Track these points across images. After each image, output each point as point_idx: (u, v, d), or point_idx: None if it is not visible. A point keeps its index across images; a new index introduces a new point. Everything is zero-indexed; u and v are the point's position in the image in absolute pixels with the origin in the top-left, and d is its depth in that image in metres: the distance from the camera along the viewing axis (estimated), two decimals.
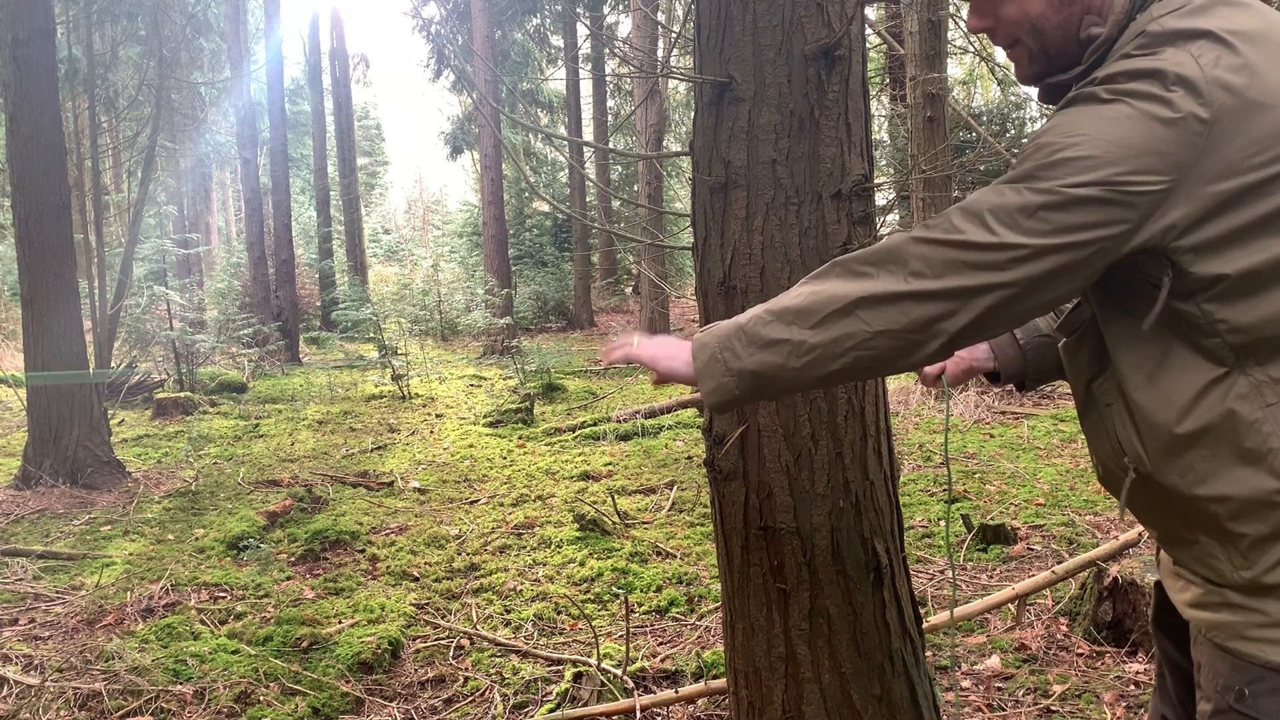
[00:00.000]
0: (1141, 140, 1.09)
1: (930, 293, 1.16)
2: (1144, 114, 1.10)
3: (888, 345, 1.19)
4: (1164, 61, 1.12)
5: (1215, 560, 1.20)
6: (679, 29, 6.88)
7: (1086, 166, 1.10)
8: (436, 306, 18.44)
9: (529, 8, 20.70)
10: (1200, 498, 1.17)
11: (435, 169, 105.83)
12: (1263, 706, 1.16)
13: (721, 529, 2.03)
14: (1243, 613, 1.18)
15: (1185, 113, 1.08)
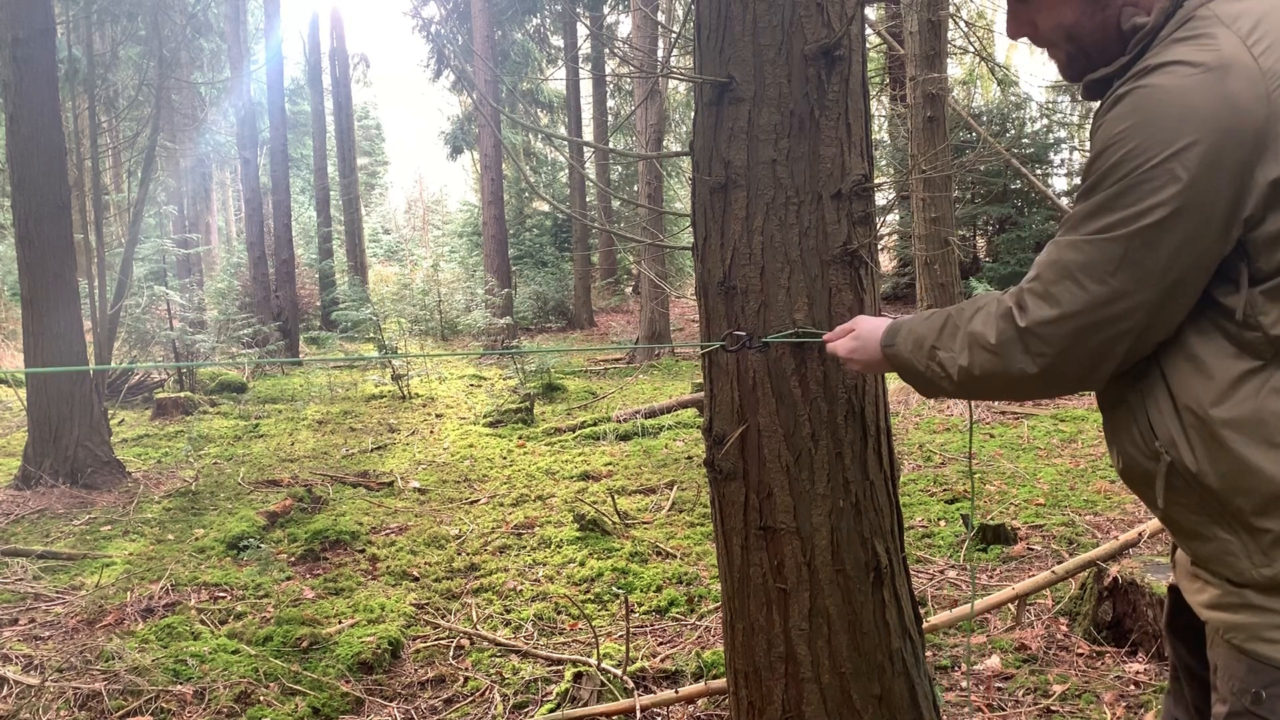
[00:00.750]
0: (1205, 143, 1.08)
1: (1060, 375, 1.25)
2: (1203, 110, 1.08)
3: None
4: (1217, 47, 1.10)
5: (1235, 558, 1.18)
6: (679, 29, 6.88)
7: (1156, 186, 1.10)
8: (436, 306, 18.44)
9: (529, 8, 20.70)
10: (1228, 489, 1.16)
11: (435, 169, 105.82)
12: (1278, 709, 1.15)
13: (721, 529, 2.03)
14: (1261, 614, 1.16)
15: (1245, 104, 1.07)
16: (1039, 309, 1.21)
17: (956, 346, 1.35)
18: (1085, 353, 1.20)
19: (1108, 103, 1.18)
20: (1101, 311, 1.16)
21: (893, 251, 17.33)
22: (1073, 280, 1.17)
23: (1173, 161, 1.09)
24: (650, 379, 11.90)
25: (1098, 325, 1.17)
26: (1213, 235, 1.11)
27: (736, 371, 1.91)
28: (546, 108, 24.23)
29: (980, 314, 1.32)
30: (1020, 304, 1.25)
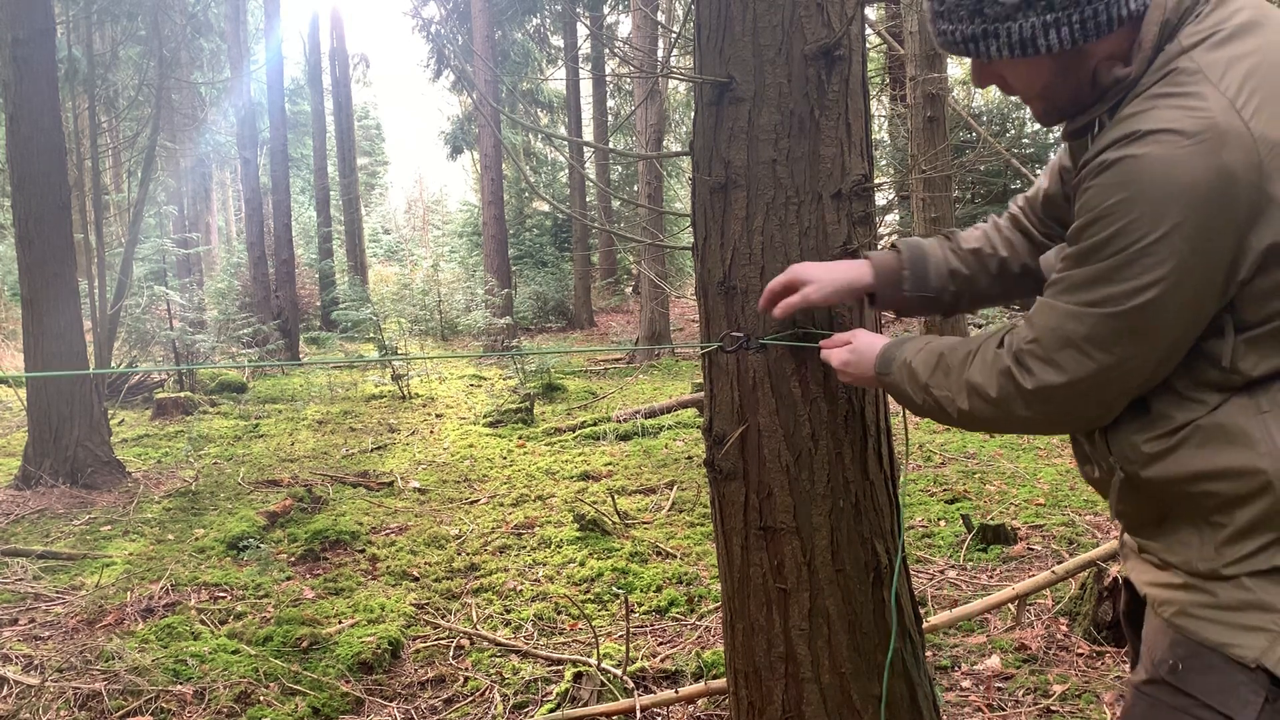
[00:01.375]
0: (1201, 214, 1.08)
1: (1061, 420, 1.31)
2: (1199, 183, 1.08)
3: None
4: (1207, 113, 1.08)
5: (1185, 548, 1.24)
6: (679, 29, 6.88)
7: (1155, 261, 1.11)
8: (436, 306, 18.44)
9: (529, 8, 20.70)
10: (1188, 494, 1.21)
11: (435, 169, 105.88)
12: (1192, 681, 1.21)
13: (721, 529, 2.03)
14: (1193, 592, 1.22)
15: (1239, 172, 1.07)
16: (1045, 373, 1.24)
17: (953, 388, 1.39)
18: (1089, 407, 1.26)
19: (1094, 166, 1.17)
20: (1106, 375, 1.20)
21: None
22: (1076, 349, 1.20)
23: (1171, 237, 1.09)
24: (650, 379, 11.90)
25: (1102, 387, 1.22)
26: (1210, 300, 1.13)
27: (736, 372, 1.91)
28: (546, 108, 24.23)
29: (976, 362, 1.35)
30: (1021, 364, 1.28)
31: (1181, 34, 1.16)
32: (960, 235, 1.67)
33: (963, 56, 1.28)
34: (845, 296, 1.69)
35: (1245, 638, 1.16)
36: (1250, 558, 1.17)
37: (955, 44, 1.25)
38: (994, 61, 1.25)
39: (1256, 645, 1.15)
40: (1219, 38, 1.14)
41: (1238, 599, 1.18)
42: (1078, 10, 1.16)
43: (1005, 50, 1.21)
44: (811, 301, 1.67)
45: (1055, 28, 1.18)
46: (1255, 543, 1.17)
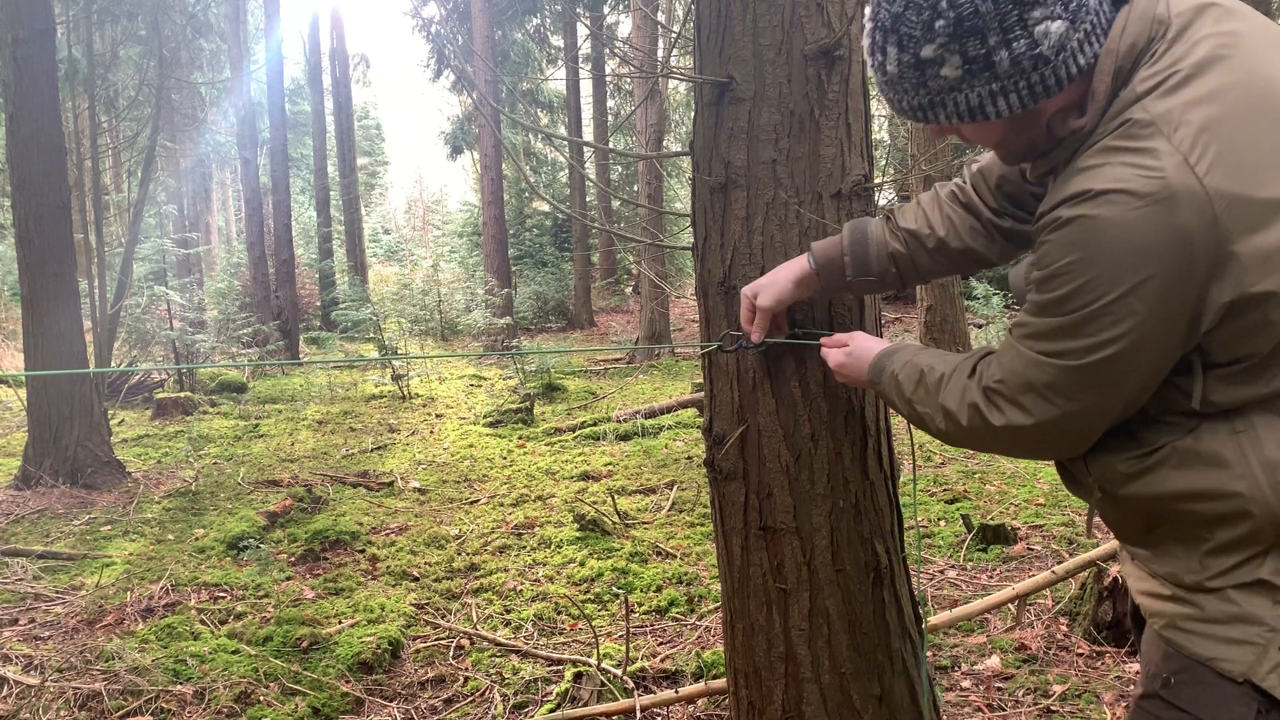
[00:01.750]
0: (1159, 273, 1.08)
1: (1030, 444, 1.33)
2: (1155, 244, 1.07)
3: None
4: (1160, 172, 1.07)
5: (1174, 559, 1.24)
6: (679, 29, 6.88)
7: (1115, 319, 1.11)
8: (436, 306, 18.44)
9: (529, 8, 20.69)
10: (1169, 511, 1.22)
11: (435, 169, 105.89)
12: (1184, 695, 1.21)
13: (721, 529, 2.03)
14: (1183, 605, 1.22)
15: (1196, 231, 1.06)
16: (1011, 414, 1.26)
17: (931, 408, 1.42)
18: (1056, 444, 1.29)
19: (1049, 221, 1.16)
20: (1070, 420, 1.22)
21: None
22: (1040, 396, 1.22)
23: (1128, 297, 1.09)
24: (650, 379, 11.90)
25: (1066, 429, 1.24)
26: (1173, 349, 1.14)
27: (736, 372, 1.91)
28: (546, 108, 24.22)
29: (950, 388, 1.37)
30: (989, 400, 1.29)
31: (1136, 78, 1.14)
32: (900, 213, 1.66)
33: (915, 122, 1.28)
34: (796, 293, 1.70)
35: (1232, 651, 1.16)
36: (1234, 570, 1.17)
37: (904, 111, 1.25)
38: (944, 124, 1.25)
39: (1243, 659, 1.15)
40: (1174, 81, 1.11)
41: (1224, 612, 1.17)
42: (1024, 77, 1.14)
43: (954, 118, 1.20)
44: (765, 308, 1.70)
45: (1003, 95, 1.16)
46: (1239, 556, 1.17)
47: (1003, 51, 1.12)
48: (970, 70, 1.14)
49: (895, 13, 1.16)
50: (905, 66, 1.18)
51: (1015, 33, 1.11)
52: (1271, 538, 1.14)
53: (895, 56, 1.18)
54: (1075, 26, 1.12)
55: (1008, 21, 1.11)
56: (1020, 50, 1.12)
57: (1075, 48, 1.13)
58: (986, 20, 1.11)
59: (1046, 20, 1.11)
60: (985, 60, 1.13)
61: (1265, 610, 1.14)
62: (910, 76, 1.19)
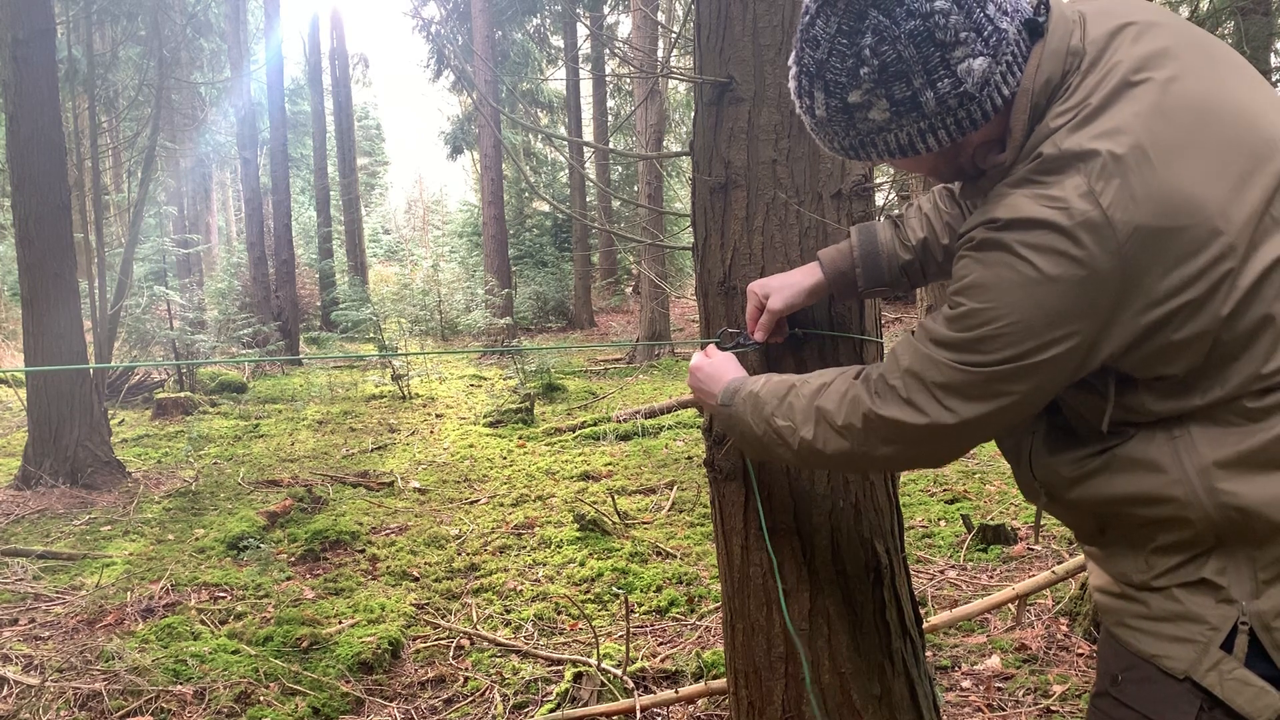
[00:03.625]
0: (1058, 302, 1.10)
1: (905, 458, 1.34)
2: (1057, 274, 1.09)
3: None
4: (1064, 204, 1.08)
5: (1123, 559, 1.25)
6: (679, 29, 6.88)
7: (1013, 340, 1.13)
8: (436, 306, 18.44)
9: (529, 8, 20.69)
10: (1112, 514, 1.23)
11: (435, 169, 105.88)
12: (1132, 693, 1.22)
13: (721, 529, 2.03)
14: (1128, 602, 1.24)
15: (1098, 263, 1.07)
16: (901, 411, 1.25)
17: (798, 417, 1.38)
18: (937, 447, 1.28)
19: (964, 240, 1.19)
20: (965, 427, 1.22)
21: None
22: (932, 396, 1.22)
23: (1026, 323, 1.12)
24: (650, 379, 11.90)
25: (950, 432, 1.23)
26: (1067, 374, 1.16)
27: None
28: (546, 108, 24.22)
29: (829, 391, 1.36)
30: (878, 394, 1.28)
31: (1050, 113, 1.15)
32: (908, 222, 1.66)
33: (845, 158, 1.29)
34: (806, 300, 1.70)
35: (1174, 649, 1.17)
36: (1179, 569, 1.18)
37: (836, 150, 1.27)
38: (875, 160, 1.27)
39: (1185, 657, 1.16)
40: (1084, 114, 1.12)
41: (1168, 610, 1.19)
42: (951, 115, 1.16)
43: (884, 155, 1.22)
44: (775, 311, 1.69)
45: (931, 132, 1.17)
46: (1181, 556, 1.18)
47: (928, 92, 1.14)
48: (898, 112, 1.16)
49: (819, 59, 1.17)
50: (833, 110, 1.20)
51: (939, 73, 1.13)
52: (1211, 540, 1.15)
53: (823, 101, 1.20)
54: (997, 60, 1.14)
55: (931, 63, 1.12)
56: (945, 90, 1.14)
57: (999, 80, 1.15)
58: (910, 64, 1.12)
59: (969, 58, 1.12)
60: (912, 101, 1.15)
61: (1208, 609, 1.16)
62: (839, 120, 1.21)
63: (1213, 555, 1.16)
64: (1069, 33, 1.16)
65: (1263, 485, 1.11)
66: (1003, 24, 1.13)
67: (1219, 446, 1.13)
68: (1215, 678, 1.14)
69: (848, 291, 1.68)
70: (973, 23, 1.11)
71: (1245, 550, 1.14)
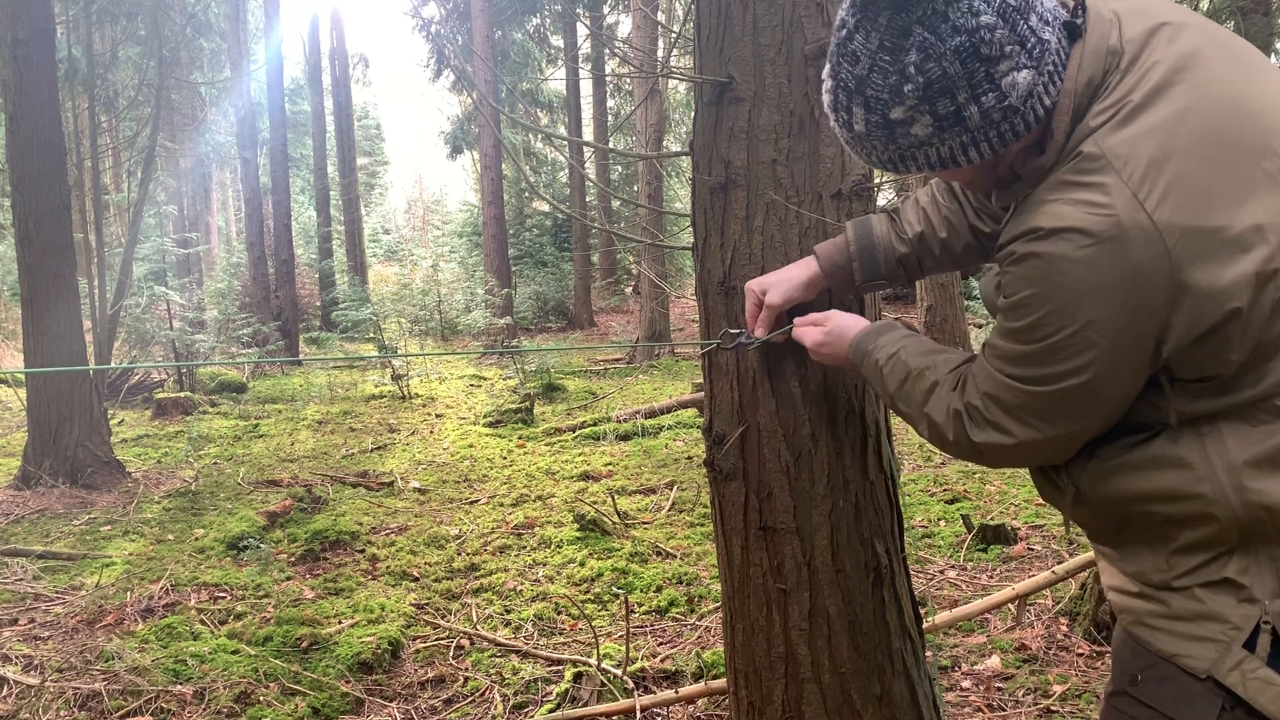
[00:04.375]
0: (1115, 308, 1.10)
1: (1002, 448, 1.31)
2: (1109, 280, 1.09)
3: None
4: (1109, 210, 1.08)
5: (1140, 559, 1.25)
6: (679, 29, 6.87)
7: (1077, 349, 1.13)
8: (436, 306, 18.43)
9: (529, 8, 20.69)
10: (1136, 512, 1.23)
11: (435, 169, 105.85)
12: (1151, 692, 1.22)
13: (721, 529, 2.03)
14: (1148, 602, 1.24)
15: (1148, 265, 1.07)
16: (991, 434, 1.28)
17: (914, 415, 1.43)
18: (1040, 458, 1.31)
19: (1006, 255, 1.19)
20: (1046, 441, 1.24)
21: None
22: (1015, 418, 1.24)
23: (1087, 331, 1.11)
24: (650, 379, 11.90)
25: (1043, 449, 1.26)
26: (1139, 376, 1.16)
27: (736, 371, 1.91)
28: (546, 108, 24.22)
29: (935, 400, 1.38)
30: (971, 419, 1.31)
31: (1090, 112, 1.15)
32: (904, 215, 1.66)
33: (886, 171, 1.28)
34: (804, 294, 1.71)
35: (1196, 648, 1.17)
36: (1201, 569, 1.18)
37: (876, 164, 1.25)
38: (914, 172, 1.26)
39: (1207, 656, 1.16)
40: (1125, 112, 1.12)
41: (1189, 609, 1.19)
42: (994, 128, 1.14)
43: (925, 167, 1.22)
44: (773, 305, 1.70)
45: (973, 146, 1.16)
46: (1204, 555, 1.18)
47: (972, 107, 1.12)
48: (940, 127, 1.15)
49: (859, 75, 1.15)
50: (874, 126, 1.18)
51: (984, 88, 1.11)
52: (1235, 538, 1.15)
53: (862, 117, 1.18)
54: (1040, 72, 1.12)
55: (976, 78, 1.11)
56: (990, 104, 1.12)
57: (1041, 91, 1.14)
58: (955, 80, 1.11)
59: (1013, 71, 1.11)
60: (956, 116, 1.13)
61: (1230, 608, 1.16)
62: (879, 135, 1.19)
63: (1235, 554, 1.16)
64: (1107, 32, 1.16)
65: None
66: (1045, 34, 1.12)
67: (1249, 445, 1.13)
68: (1238, 677, 1.14)
69: (845, 285, 1.68)
70: (1017, 36, 1.10)
71: (1268, 549, 1.14)
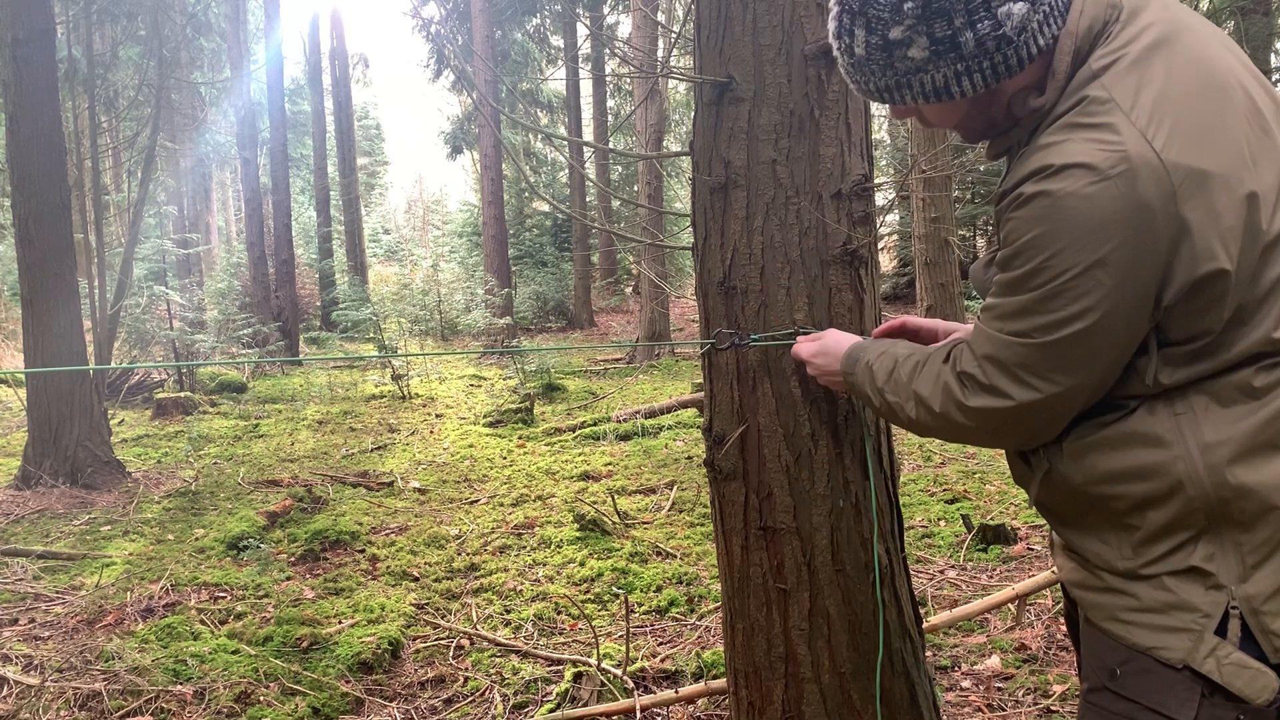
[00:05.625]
0: (1121, 245, 1.10)
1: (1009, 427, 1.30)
2: (1118, 215, 1.09)
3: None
4: (1119, 146, 1.09)
5: (1105, 547, 1.25)
6: (679, 29, 6.88)
7: (1083, 290, 1.12)
8: (436, 306, 18.43)
9: (529, 8, 20.70)
10: (1104, 495, 1.23)
11: (435, 169, 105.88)
12: (1131, 686, 1.22)
13: (721, 529, 2.03)
14: (1117, 596, 1.24)
15: (1156, 203, 1.08)
16: (985, 397, 1.26)
17: (902, 395, 1.41)
18: (1031, 425, 1.27)
19: (1012, 199, 1.18)
20: (1044, 402, 1.21)
21: (893, 251, 17.34)
22: (1012, 377, 1.22)
23: (1093, 270, 1.11)
24: (650, 379, 11.90)
25: (1040, 410, 1.23)
26: (1140, 324, 1.15)
27: (736, 371, 1.91)
28: (546, 108, 24.23)
29: (923, 374, 1.37)
30: (964, 384, 1.30)
31: (1092, 58, 1.18)
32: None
33: (879, 103, 1.30)
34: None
35: (1170, 639, 1.18)
36: (1167, 557, 1.19)
37: (871, 93, 1.28)
38: (909, 105, 1.27)
39: (1181, 646, 1.17)
40: (1128, 60, 1.15)
41: (1159, 600, 1.19)
42: (988, 58, 1.18)
43: (919, 98, 1.24)
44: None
45: (967, 75, 1.19)
46: (1170, 543, 1.19)
47: (968, 33, 1.16)
48: (937, 51, 1.18)
49: None
50: (873, 49, 1.22)
51: (980, 15, 1.15)
52: (1202, 522, 1.16)
53: (863, 39, 1.22)
54: (1035, 8, 1.17)
55: (973, 4, 1.15)
56: (985, 31, 1.16)
57: (1035, 29, 1.17)
58: (953, 3, 1.15)
59: (1009, 3, 1.15)
60: (951, 41, 1.17)
61: (1198, 596, 1.17)
62: (878, 58, 1.23)
63: (1200, 541, 1.17)
64: None
65: (1261, 467, 1.13)
66: None
67: (1222, 425, 1.15)
68: (1213, 664, 1.15)
69: None
70: None
71: (1232, 534, 1.15)
